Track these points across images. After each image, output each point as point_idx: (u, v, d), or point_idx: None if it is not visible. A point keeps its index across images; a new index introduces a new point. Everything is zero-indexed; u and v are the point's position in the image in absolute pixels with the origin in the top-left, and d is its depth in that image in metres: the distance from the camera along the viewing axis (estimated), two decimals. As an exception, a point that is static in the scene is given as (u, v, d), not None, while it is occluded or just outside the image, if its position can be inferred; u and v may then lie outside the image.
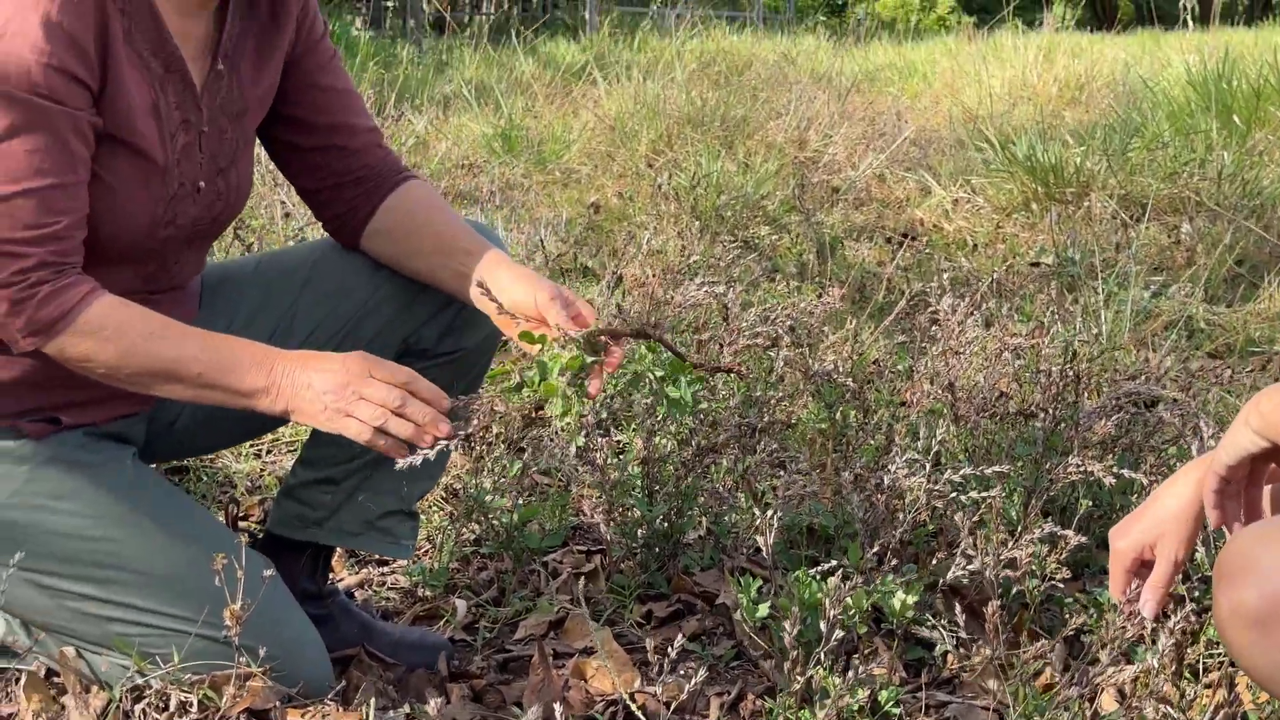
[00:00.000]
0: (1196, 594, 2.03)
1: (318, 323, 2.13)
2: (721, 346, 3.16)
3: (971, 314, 3.22)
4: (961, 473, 2.16)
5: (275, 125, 2.11)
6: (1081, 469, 2.18)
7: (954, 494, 2.19)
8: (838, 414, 2.81)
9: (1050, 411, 2.48)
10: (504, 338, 2.12)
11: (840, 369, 3.01)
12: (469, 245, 2.05)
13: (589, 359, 1.84)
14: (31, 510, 1.85)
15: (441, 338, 2.16)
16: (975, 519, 2.11)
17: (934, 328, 3.49)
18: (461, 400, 1.85)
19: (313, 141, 2.12)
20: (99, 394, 1.90)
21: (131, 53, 1.80)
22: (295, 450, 3.08)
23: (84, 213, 1.76)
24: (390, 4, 20.39)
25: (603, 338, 1.86)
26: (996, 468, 2.14)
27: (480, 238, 2.08)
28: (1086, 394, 2.83)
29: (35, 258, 1.70)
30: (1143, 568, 1.73)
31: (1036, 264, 4.78)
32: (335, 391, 1.79)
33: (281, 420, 2.22)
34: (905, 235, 5.44)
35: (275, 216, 4.46)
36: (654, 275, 4.04)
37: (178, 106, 1.88)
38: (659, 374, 2.03)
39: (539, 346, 1.87)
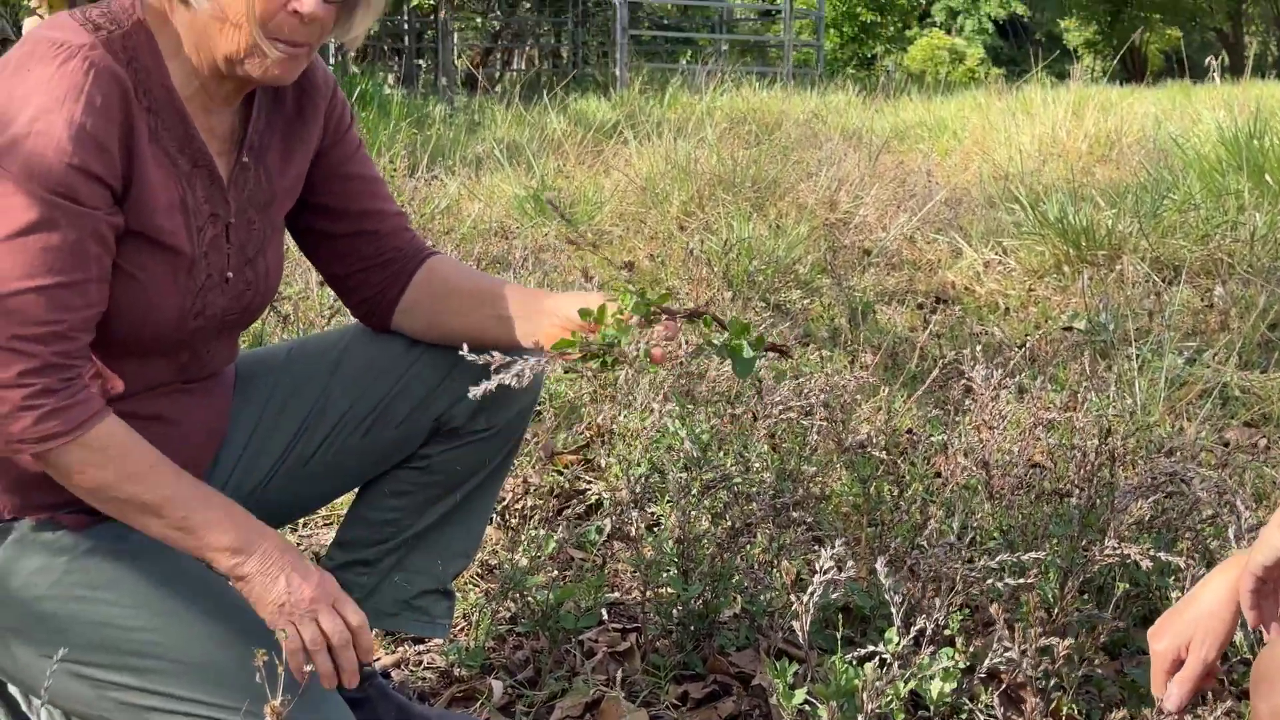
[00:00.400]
0: (1234, 689, 2.03)
1: (349, 406, 2.15)
2: (755, 418, 3.17)
3: (1005, 384, 3.22)
4: (999, 559, 2.15)
5: (303, 214, 2.13)
6: (1118, 552, 2.18)
7: (991, 581, 2.18)
8: (872, 489, 2.81)
9: (1085, 490, 2.48)
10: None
11: (873, 440, 3.01)
12: (507, 291, 2.09)
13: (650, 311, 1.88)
14: (71, 601, 1.86)
15: (473, 416, 2.17)
16: (1012, 602, 2.11)
17: (967, 398, 3.49)
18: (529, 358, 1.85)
19: (341, 228, 2.14)
20: None
21: (158, 150, 1.83)
22: (331, 524, 3.09)
23: (92, 312, 1.77)
24: (422, 62, 20.58)
25: (656, 311, 1.89)
26: (1033, 554, 2.13)
27: (513, 283, 2.12)
28: (1122, 469, 2.82)
29: (41, 358, 1.70)
30: (1181, 666, 1.73)
31: (1069, 328, 4.77)
32: (299, 600, 1.81)
33: (326, 499, 2.26)
34: (937, 298, 5.44)
35: (310, 283, 4.49)
36: (686, 343, 4.04)
37: (205, 200, 1.90)
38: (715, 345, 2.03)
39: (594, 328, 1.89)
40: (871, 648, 2.01)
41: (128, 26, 1.82)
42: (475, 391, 1.79)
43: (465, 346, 1.88)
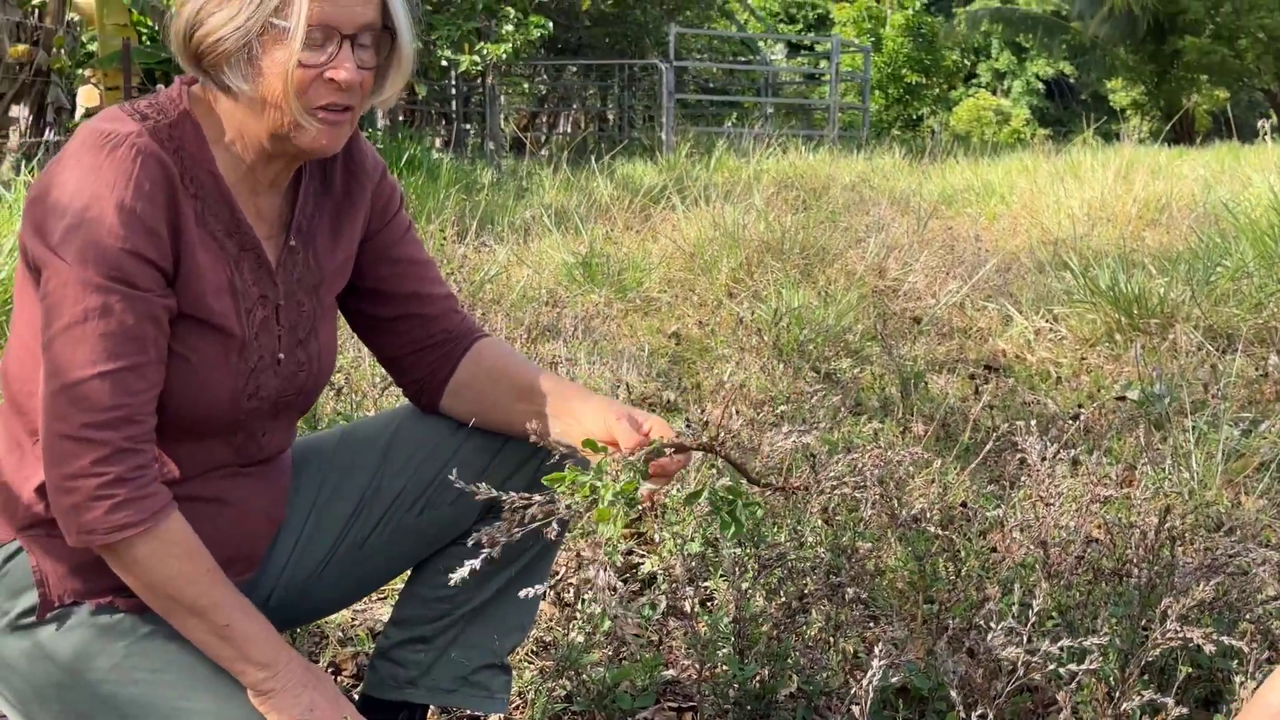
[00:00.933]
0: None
1: (402, 488, 2.17)
2: (809, 491, 3.17)
3: (1059, 456, 3.20)
4: (1060, 644, 2.13)
5: (354, 297, 2.16)
6: (1180, 634, 2.16)
7: (1052, 666, 2.16)
8: (927, 566, 2.80)
9: (1145, 569, 2.46)
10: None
11: (928, 515, 3.00)
12: (545, 386, 2.11)
13: (644, 483, 1.88)
14: (131, 685, 1.87)
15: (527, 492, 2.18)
16: (1073, 684, 2.09)
17: (1022, 471, 3.47)
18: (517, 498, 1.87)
19: (392, 311, 2.16)
20: None
21: (205, 234, 1.86)
22: (386, 599, 3.10)
23: (155, 393, 1.80)
24: (469, 126, 20.75)
25: (668, 450, 1.89)
26: (1095, 639, 2.11)
27: (554, 377, 2.14)
28: (1181, 548, 2.79)
29: (112, 445, 1.73)
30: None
31: (1122, 398, 4.74)
32: (319, 715, 1.86)
33: (378, 583, 2.26)
34: (988, 366, 5.42)
35: (362, 352, 4.52)
36: (738, 414, 4.05)
37: (254, 283, 1.93)
38: (718, 494, 2.03)
39: (599, 456, 1.90)
40: (932, 733, 2.00)
41: (174, 116, 1.86)
42: (460, 573, 1.82)
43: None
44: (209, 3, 1.79)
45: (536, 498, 1.85)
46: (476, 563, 1.82)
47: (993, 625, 2.25)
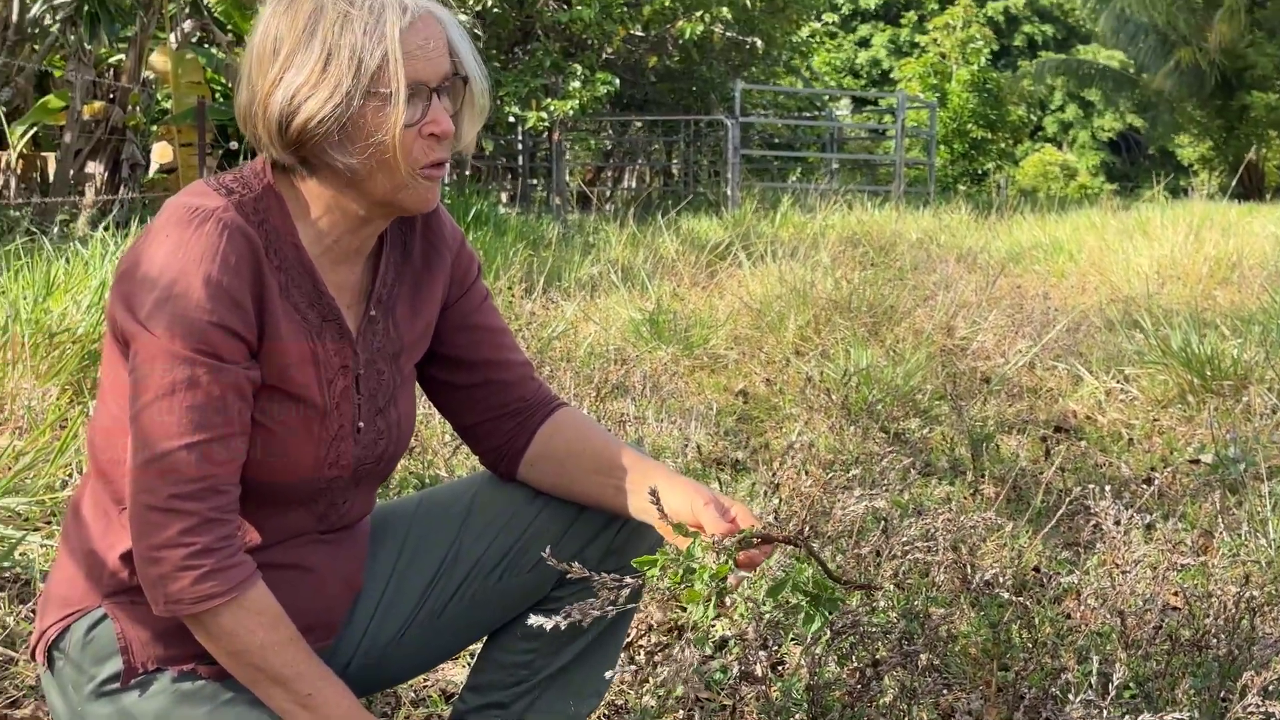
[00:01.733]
0: None
1: (480, 555, 2.18)
2: (879, 555, 3.16)
3: (1133, 522, 3.17)
4: (1140, 717, 2.11)
5: (431, 364, 2.17)
6: (1262, 709, 2.13)
7: (1133, 740, 2.14)
8: (1001, 633, 2.78)
9: (1224, 641, 2.43)
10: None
11: (1001, 580, 2.98)
12: (626, 461, 2.10)
13: (735, 569, 1.89)
14: (211, 750, 1.90)
15: (603, 559, 2.19)
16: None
17: (1095, 535, 3.44)
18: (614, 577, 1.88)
19: (468, 379, 2.18)
20: None
21: (288, 306, 1.89)
22: (459, 661, 3.11)
23: (239, 463, 1.82)
24: (535, 180, 20.91)
25: (755, 540, 1.90)
26: (1174, 712, 2.09)
27: (635, 452, 2.13)
28: (1260, 618, 2.76)
29: (200, 515, 1.76)
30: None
31: (1196, 461, 4.69)
32: None
33: (456, 649, 2.27)
34: (1058, 427, 5.39)
35: (433, 408, 4.54)
36: (808, 475, 4.04)
37: (335, 353, 1.95)
38: (801, 589, 2.04)
39: (689, 541, 1.91)
40: (1010, 807, 1.98)
41: (259, 190, 1.89)
42: (542, 620, 1.85)
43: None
44: (301, 89, 1.81)
45: (628, 579, 1.86)
46: (562, 621, 1.83)
47: (1070, 696, 2.23)
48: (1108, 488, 3.31)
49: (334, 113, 1.81)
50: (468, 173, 19.13)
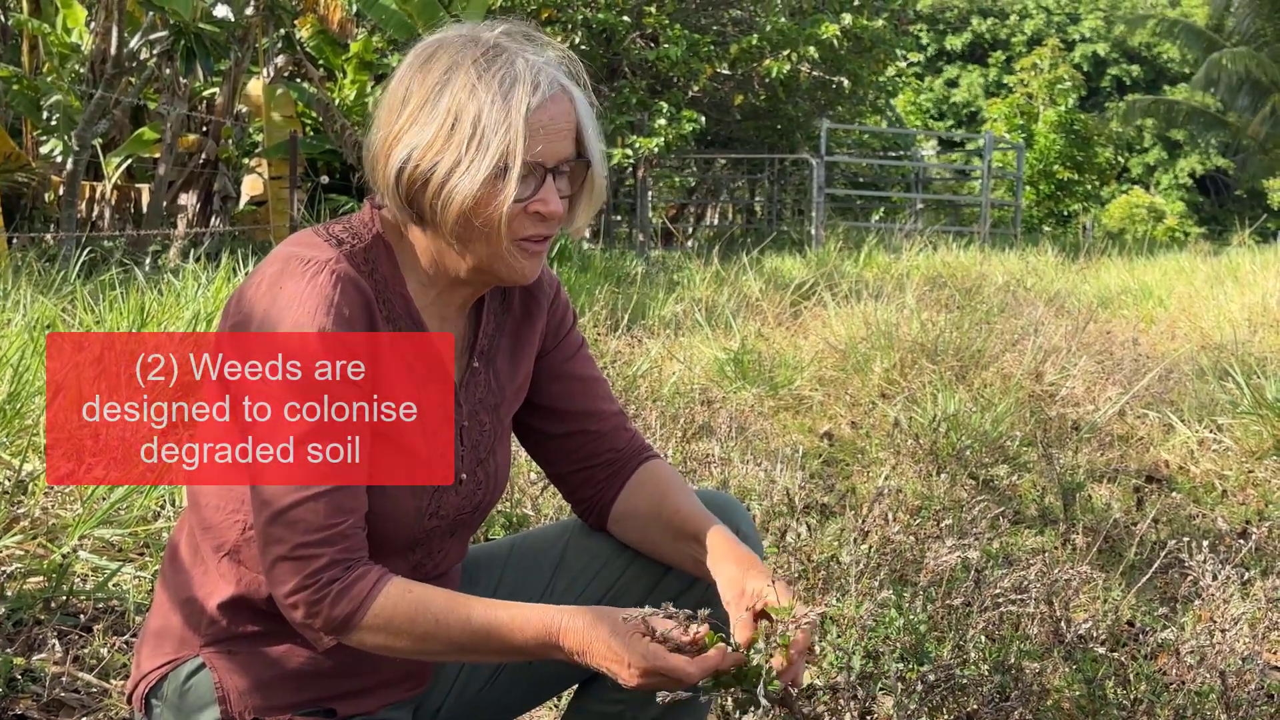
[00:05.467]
0: None
1: (572, 602, 2.17)
2: (970, 606, 3.12)
3: (1229, 578, 3.11)
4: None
5: (526, 413, 2.17)
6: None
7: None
8: (1096, 689, 2.73)
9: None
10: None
11: (1094, 634, 2.94)
12: (697, 530, 2.05)
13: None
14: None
15: (695, 609, 2.17)
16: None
17: (1192, 590, 3.38)
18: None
19: (563, 428, 2.17)
20: (372, 683, 1.97)
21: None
22: (551, 709, 3.10)
23: (364, 510, 1.83)
24: (619, 217, 20.99)
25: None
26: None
27: (709, 520, 2.07)
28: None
29: (326, 557, 1.77)
30: None
31: (1292, 515, 4.61)
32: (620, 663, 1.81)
33: (546, 695, 2.26)
34: (1150, 478, 5.31)
35: (519, 449, 4.56)
36: (896, 522, 4.01)
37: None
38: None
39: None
40: None
41: (368, 240, 1.91)
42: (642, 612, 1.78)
43: None
44: (419, 149, 1.82)
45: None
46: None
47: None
48: (1204, 542, 3.25)
49: (447, 178, 1.81)
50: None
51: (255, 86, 14.87)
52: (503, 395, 2.07)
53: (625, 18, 17.70)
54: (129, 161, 13.75)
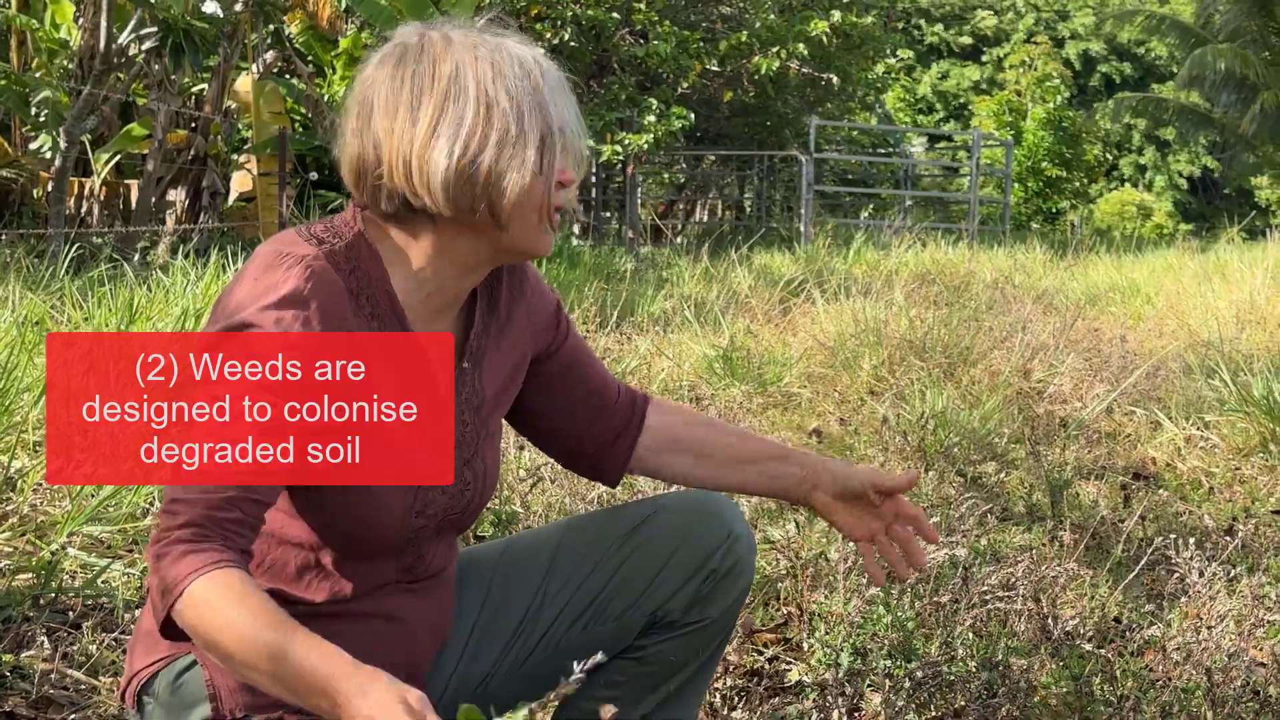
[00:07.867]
0: None
1: (565, 603, 2.18)
2: (958, 603, 3.13)
3: (1216, 574, 3.13)
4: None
5: (536, 407, 2.20)
6: (1355, 773, 2.10)
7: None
8: (1083, 685, 2.75)
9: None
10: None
11: (1082, 631, 2.95)
12: (760, 450, 2.21)
13: None
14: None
15: (689, 608, 2.18)
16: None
17: (1179, 588, 3.40)
18: None
19: (576, 416, 2.20)
20: None
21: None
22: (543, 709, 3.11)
23: (260, 517, 1.74)
24: (608, 213, 20.99)
25: None
26: (1267, 775, 2.06)
27: (759, 442, 2.23)
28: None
29: (184, 516, 1.67)
30: None
31: (1279, 512, 4.63)
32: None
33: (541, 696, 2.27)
34: (1135, 474, 5.33)
35: (509, 443, 4.57)
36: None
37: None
38: None
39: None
40: None
41: (349, 238, 1.90)
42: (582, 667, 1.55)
43: None
44: (470, 140, 1.82)
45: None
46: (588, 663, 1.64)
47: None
48: (1191, 539, 3.27)
49: (496, 162, 1.82)
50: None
51: (244, 83, 14.85)
52: (491, 395, 2.07)
53: (614, 14, 17.68)
54: (118, 157, 13.72)
